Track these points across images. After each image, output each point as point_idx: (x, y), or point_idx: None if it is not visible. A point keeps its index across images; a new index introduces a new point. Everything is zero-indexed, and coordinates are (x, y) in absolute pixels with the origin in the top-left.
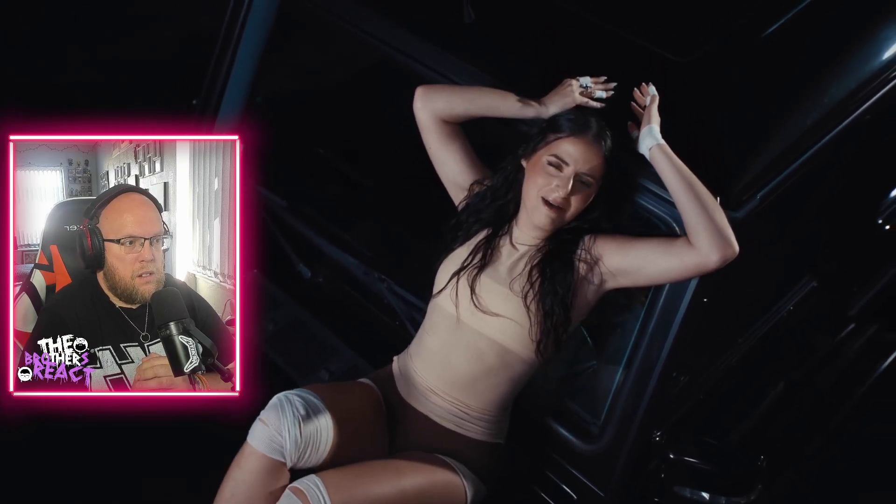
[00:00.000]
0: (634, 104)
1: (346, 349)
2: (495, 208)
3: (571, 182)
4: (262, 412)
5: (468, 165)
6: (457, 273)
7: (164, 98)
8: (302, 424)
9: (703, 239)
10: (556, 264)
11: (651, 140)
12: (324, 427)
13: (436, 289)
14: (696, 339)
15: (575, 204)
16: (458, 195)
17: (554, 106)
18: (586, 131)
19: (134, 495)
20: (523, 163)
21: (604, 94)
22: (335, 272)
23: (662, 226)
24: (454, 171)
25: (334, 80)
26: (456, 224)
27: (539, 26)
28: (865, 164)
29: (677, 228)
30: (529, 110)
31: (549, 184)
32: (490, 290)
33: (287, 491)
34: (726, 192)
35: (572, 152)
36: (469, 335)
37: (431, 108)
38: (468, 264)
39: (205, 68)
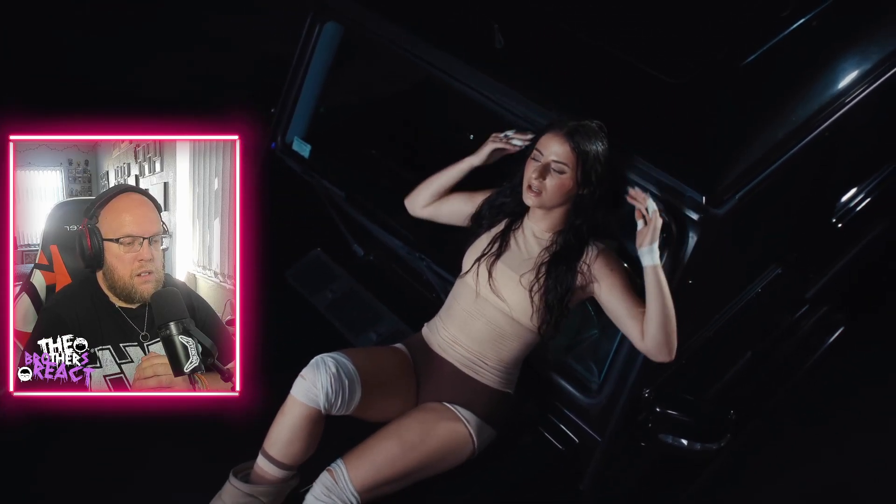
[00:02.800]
0: (632, 199)
1: (392, 315)
2: (512, 202)
3: (544, 169)
4: (303, 370)
5: (468, 202)
6: (478, 259)
7: (245, 107)
8: (333, 380)
9: (651, 340)
10: (560, 267)
11: (650, 259)
12: (352, 382)
13: (463, 269)
14: (680, 313)
15: (551, 189)
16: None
17: (480, 153)
18: (560, 128)
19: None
20: None
21: (520, 143)
22: (383, 251)
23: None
24: (463, 214)
25: (385, 93)
26: (479, 215)
27: (555, 51)
28: (824, 172)
29: (671, 225)
30: (471, 161)
31: (531, 172)
32: (504, 277)
33: (324, 473)
34: (711, 193)
35: (547, 144)
36: (486, 307)
37: (418, 203)
38: (487, 252)
39: (277, 83)
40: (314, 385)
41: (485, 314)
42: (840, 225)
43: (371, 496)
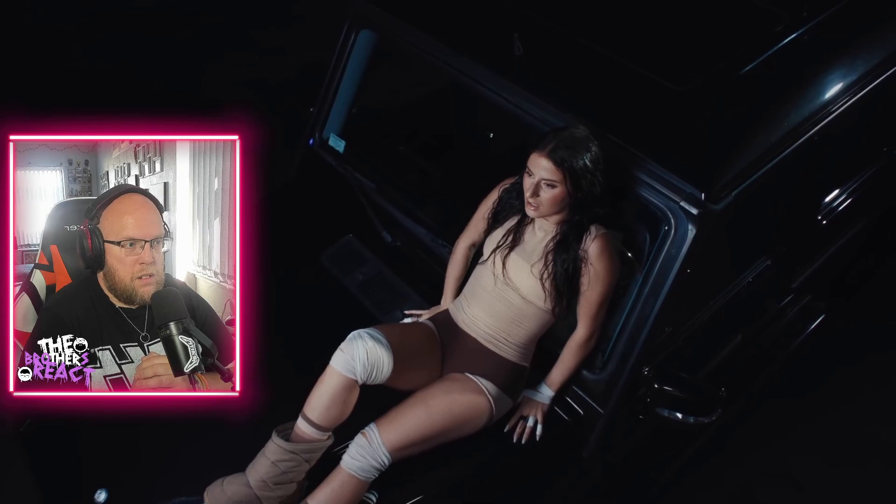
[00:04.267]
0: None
1: (416, 296)
2: (519, 204)
3: (536, 186)
4: (342, 344)
5: (479, 227)
6: (493, 251)
7: (288, 106)
8: (368, 354)
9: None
10: (564, 254)
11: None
12: (385, 355)
13: (482, 258)
14: (679, 300)
15: (546, 201)
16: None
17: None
18: (543, 148)
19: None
20: None
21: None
22: (410, 238)
23: (658, 213)
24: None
25: (414, 95)
26: (495, 213)
27: (569, 59)
28: (811, 174)
29: (671, 216)
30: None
31: (527, 188)
32: (517, 267)
33: (357, 435)
34: (709, 190)
35: (536, 163)
36: (504, 291)
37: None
38: (501, 244)
39: (316, 85)
40: (352, 358)
41: (504, 297)
42: (824, 222)
43: (400, 456)
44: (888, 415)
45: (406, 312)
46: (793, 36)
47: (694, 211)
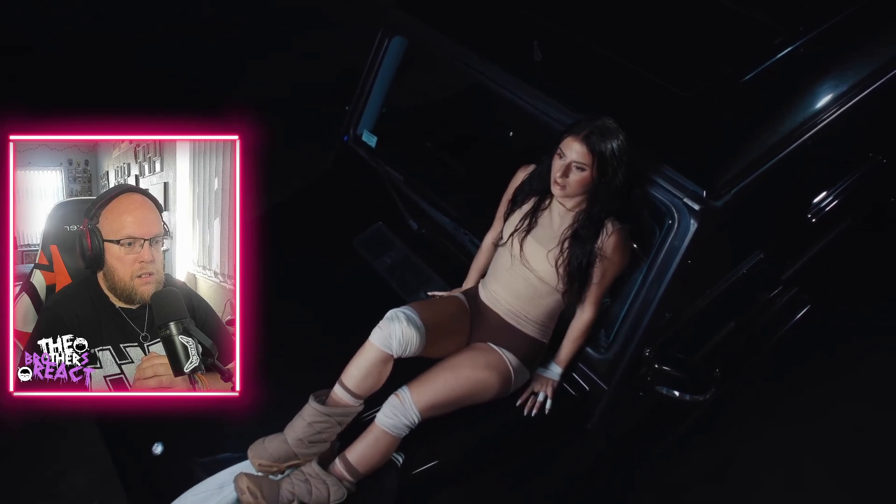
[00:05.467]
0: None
1: (439, 279)
2: (540, 186)
3: (567, 168)
4: (380, 322)
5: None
6: (511, 234)
7: (326, 105)
8: (403, 331)
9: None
10: (580, 243)
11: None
12: (417, 334)
13: (502, 241)
14: (679, 288)
15: (573, 183)
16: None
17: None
18: (579, 132)
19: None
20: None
21: None
22: (434, 227)
23: (663, 207)
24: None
25: (440, 96)
26: (514, 196)
27: (585, 65)
28: (804, 175)
29: (675, 211)
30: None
31: (556, 169)
32: (533, 250)
33: (391, 396)
34: (710, 188)
35: (569, 146)
36: (522, 272)
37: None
38: (519, 228)
39: (353, 87)
40: (389, 335)
41: (522, 277)
42: (813, 220)
43: (428, 415)
44: (859, 394)
45: (429, 294)
46: (790, 48)
47: (696, 207)
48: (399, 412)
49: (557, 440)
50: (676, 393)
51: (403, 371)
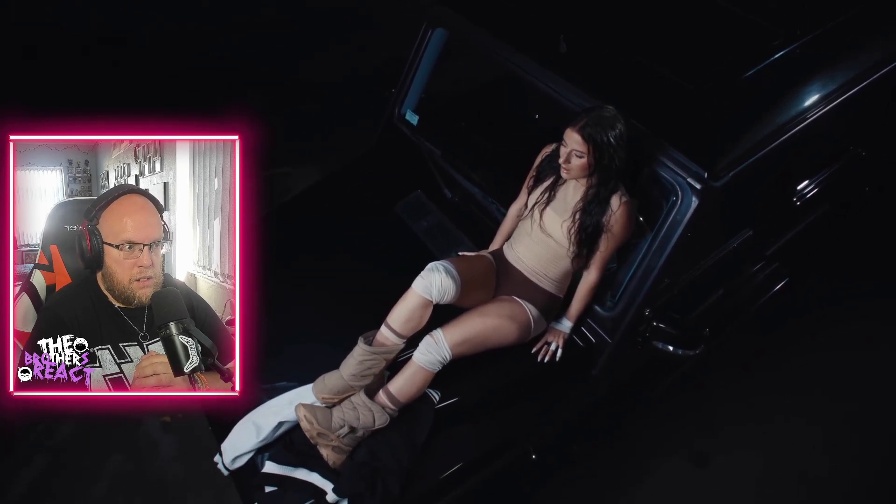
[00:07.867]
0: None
1: (469, 241)
2: (557, 165)
3: (569, 155)
4: (423, 272)
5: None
6: (533, 205)
7: (373, 90)
8: (442, 280)
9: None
10: (589, 221)
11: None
12: (453, 284)
13: (525, 212)
14: (678, 257)
15: (575, 167)
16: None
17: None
18: (576, 124)
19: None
20: None
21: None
22: (465, 195)
23: (668, 185)
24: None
25: (475, 83)
26: (537, 174)
27: (605, 59)
28: (792, 163)
29: (678, 189)
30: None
31: (561, 155)
32: (551, 220)
33: (426, 336)
34: (711, 169)
35: (569, 136)
36: (541, 238)
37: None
38: (539, 200)
39: (398, 73)
40: (430, 283)
41: (542, 242)
42: (798, 204)
43: (458, 353)
44: (826, 354)
45: (459, 254)
46: (787, 50)
47: (698, 186)
48: (433, 350)
49: (565, 384)
50: (671, 347)
51: (438, 318)
